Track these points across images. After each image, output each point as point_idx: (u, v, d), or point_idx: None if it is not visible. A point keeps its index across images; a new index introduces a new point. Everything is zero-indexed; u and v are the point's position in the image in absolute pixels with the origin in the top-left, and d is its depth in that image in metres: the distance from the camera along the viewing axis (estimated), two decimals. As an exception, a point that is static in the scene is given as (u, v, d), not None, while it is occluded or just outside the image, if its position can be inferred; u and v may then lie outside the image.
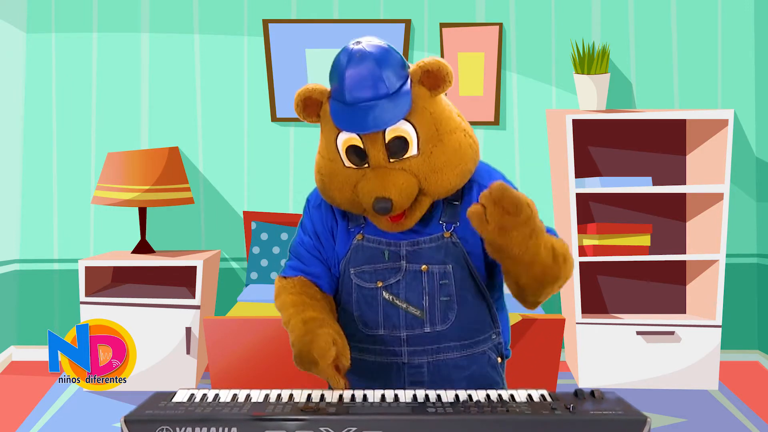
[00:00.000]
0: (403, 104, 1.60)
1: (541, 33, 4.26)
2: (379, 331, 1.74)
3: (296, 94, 1.71)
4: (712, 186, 3.86)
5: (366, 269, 1.74)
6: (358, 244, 1.75)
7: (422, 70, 1.62)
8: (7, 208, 4.28)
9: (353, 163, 1.64)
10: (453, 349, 1.74)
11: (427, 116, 1.63)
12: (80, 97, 4.31)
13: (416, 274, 1.72)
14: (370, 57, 1.59)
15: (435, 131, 1.63)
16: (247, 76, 4.30)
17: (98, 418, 3.39)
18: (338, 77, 1.62)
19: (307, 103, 1.70)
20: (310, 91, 1.70)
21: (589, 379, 3.85)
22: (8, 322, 4.33)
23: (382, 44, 1.64)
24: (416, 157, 1.62)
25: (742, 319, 4.30)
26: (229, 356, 3.32)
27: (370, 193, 1.61)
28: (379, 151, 1.61)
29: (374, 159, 1.62)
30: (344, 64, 1.61)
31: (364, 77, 1.58)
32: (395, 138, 1.61)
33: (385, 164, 1.62)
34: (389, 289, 1.72)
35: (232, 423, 1.39)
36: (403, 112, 1.60)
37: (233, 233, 4.34)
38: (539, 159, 4.28)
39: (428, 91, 1.64)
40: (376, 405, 1.48)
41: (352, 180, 1.65)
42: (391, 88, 1.60)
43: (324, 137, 1.70)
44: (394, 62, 1.62)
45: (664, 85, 4.26)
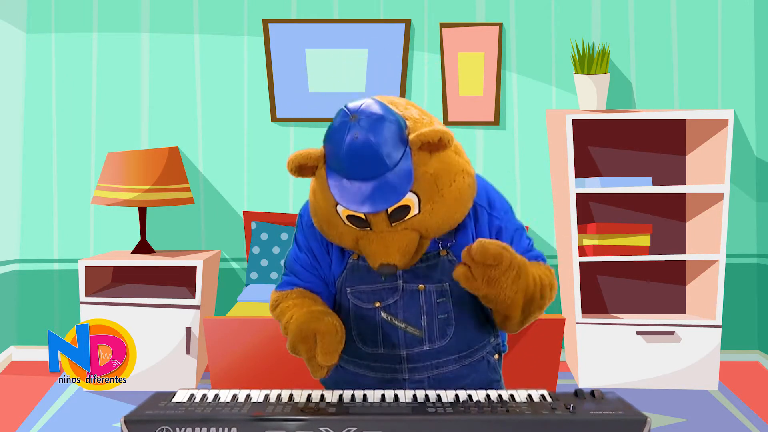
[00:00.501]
0: (406, 180, 1.56)
1: (541, 33, 4.26)
2: (378, 349, 1.74)
3: (289, 159, 1.63)
4: (712, 186, 3.86)
5: (363, 289, 1.75)
6: (354, 264, 1.75)
7: (422, 141, 1.58)
8: (7, 208, 4.28)
9: (354, 225, 1.61)
10: (453, 362, 1.76)
11: (428, 178, 1.59)
12: (80, 97, 4.31)
13: (413, 294, 1.72)
14: (369, 137, 1.54)
15: (435, 188, 1.60)
16: (247, 76, 4.30)
17: (98, 418, 3.39)
18: (335, 151, 1.57)
19: (302, 168, 1.64)
20: (304, 158, 1.62)
21: (589, 379, 3.85)
22: (8, 322, 4.33)
23: (379, 115, 1.57)
24: (417, 215, 1.60)
25: (742, 319, 4.30)
26: (229, 356, 3.32)
27: (374, 257, 1.60)
28: (381, 220, 1.59)
29: (377, 226, 1.59)
30: (341, 141, 1.56)
31: (363, 158, 1.54)
32: (398, 207, 1.58)
33: (387, 229, 1.60)
34: (387, 309, 1.73)
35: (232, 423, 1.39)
36: (406, 188, 1.56)
37: (233, 233, 4.34)
38: (539, 159, 4.28)
39: (428, 153, 1.59)
40: (376, 405, 1.48)
41: (353, 235, 1.63)
42: (392, 164, 1.55)
43: (320, 192, 1.64)
44: (394, 135, 1.56)
45: (664, 85, 4.26)
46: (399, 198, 1.56)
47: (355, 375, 1.76)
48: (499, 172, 4.26)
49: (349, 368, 1.79)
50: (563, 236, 4.02)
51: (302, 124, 4.31)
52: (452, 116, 4.23)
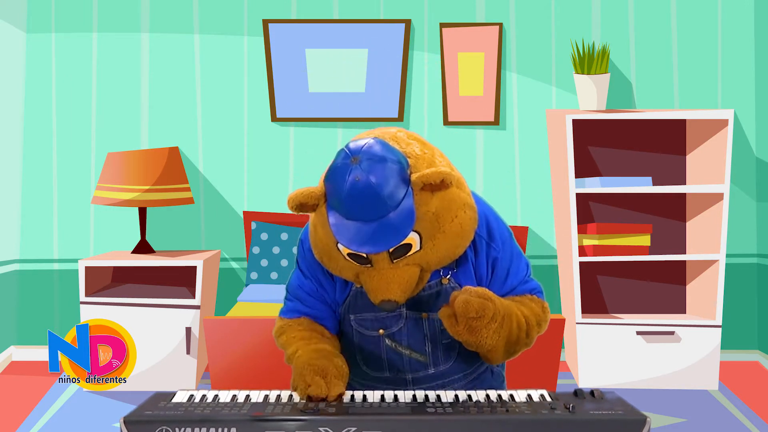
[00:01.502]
0: (408, 220, 1.56)
1: (541, 33, 4.26)
2: (384, 373, 1.76)
3: (290, 197, 1.61)
4: (712, 186, 3.86)
5: (367, 317, 1.75)
6: (357, 291, 1.75)
7: (423, 183, 1.56)
8: (7, 208, 4.28)
9: (355, 262, 1.61)
10: (458, 380, 1.77)
11: (430, 216, 1.59)
12: (80, 97, 4.31)
13: (417, 322, 1.73)
14: (371, 179, 1.53)
15: (437, 226, 1.60)
16: (247, 76, 4.30)
17: (98, 418, 3.39)
18: (335, 193, 1.56)
19: (302, 206, 1.62)
20: (305, 197, 1.60)
21: (589, 379, 3.85)
22: (8, 322, 4.32)
23: (380, 155, 1.56)
24: (419, 252, 1.60)
25: (742, 319, 4.29)
26: (229, 356, 3.32)
27: (375, 293, 1.60)
28: (383, 259, 1.59)
29: (378, 264, 1.59)
30: (342, 184, 1.55)
31: (365, 200, 1.53)
32: (400, 246, 1.58)
33: (388, 266, 1.59)
34: (391, 336, 1.74)
35: (231, 423, 1.39)
36: (408, 228, 1.56)
37: (233, 233, 4.34)
38: (539, 159, 4.28)
39: (430, 193, 1.59)
40: (376, 405, 1.48)
41: (354, 269, 1.63)
42: (393, 205, 1.55)
43: (321, 228, 1.63)
44: (395, 177, 1.55)
45: (664, 85, 4.26)
46: (401, 239, 1.55)
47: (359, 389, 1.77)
48: (499, 172, 4.26)
49: (355, 385, 1.79)
50: (563, 236, 4.02)
51: (302, 124, 4.31)
52: (452, 116, 4.23)
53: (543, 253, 4.29)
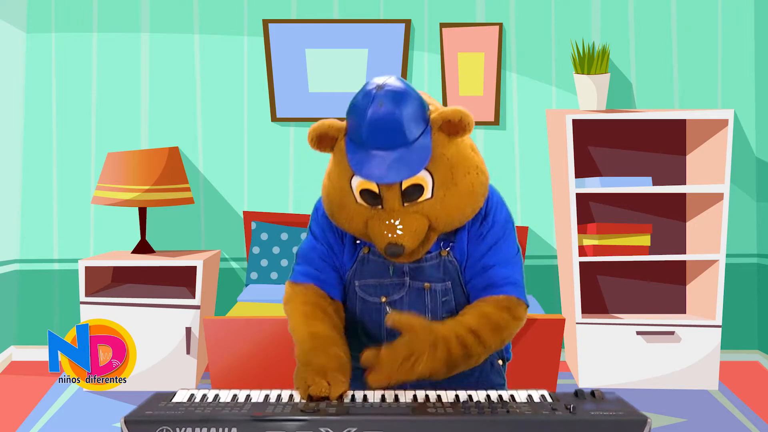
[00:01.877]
0: (423, 156, 1.59)
1: (541, 33, 4.26)
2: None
3: (311, 128, 1.68)
4: (712, 186, 3.86)
5: (371, 283, 1.76)
6: (364, 257, 1.76)
7: (443, 119, 1.61)
8: (7, 208, 4.28)
9: (366, 203, 1.64)
10: None
11: (444, 162, 1.62)
12: (80, 97, 4.31)
13: (419, 292, 1.74)
14: (393, 107, 1.57)
15: (450, 176, 1.62)
16: (247, 76, 4.30)
17: (98, 418, 3.39)
18: (357, 120, 1.60)
19: (322, 138, 1.68)
20: (326, 127, 1.67)
21: (589, 379, 3.85)
22: (8, 322, 4.32)
23: (404, 89, 1.61)
24: (429, 200, 1.62)
25: (742, 319, 4.30)
26: (229, 356, 3.31)
27: (382, 237, 1.61)
28: (394, 197, 1.61)
29: (388, 203, 1.61)
30: (365, 110, 1.59)
31: (386, 127, 1.57)
32: (412, 185, 1.60)
33: (398, 208, 1.61)
34: (393, 304, 1.74)
35: (232, 423, 1.39)
36: (422, 163, 1.59)
37: (233, 233, 4.34)
38: (539, 159, 4.28)
39: (447, 137, 1.62)
40: (376, 405, 1.48)
41: (364, 216, 1.64)
42: (411, 138, 1.58)
43: (335, 169, 1.68)
44: (416, 110, 1.60)
45: (664, 85, 4.26)
46: (415, 171, 1.58)
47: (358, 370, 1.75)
48: (499, 172, 4.26)
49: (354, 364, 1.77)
50: (563, 236, 4.02)
51: (302, 124, 4.31)
52: (452, 116, 4.23)
53: (543, 253, 4.29)
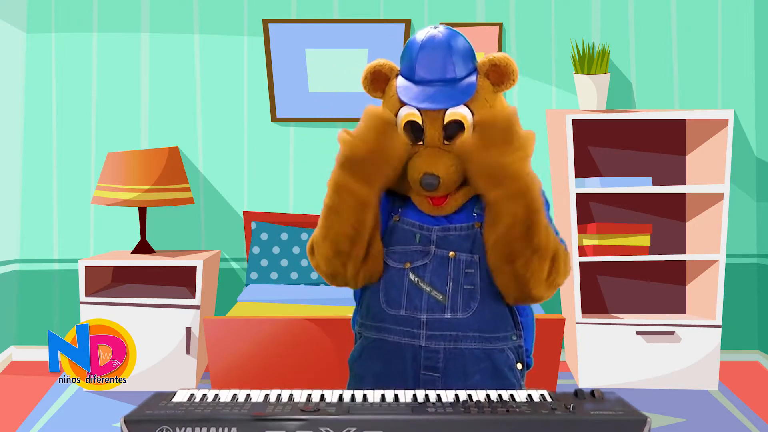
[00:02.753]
0: (467, 90, 1.68)
1: (541, 33, 4.26)
2: (400, 311, 1.73)
3: (366, 67, 1.76)
4: (712, 186, 3.86)
5: (397, 249, 1.76)
6: (394, 225, 1.79)
7: (491, 63, 1.69)
8: (7, 208, 4.28)
9: (409, 140, 1.70)
10: (471, 339, 1.72)
11: (487, 108, 1.69)
12: (80, 97, 4.31)
13: (443, 260, 1.73)
14: (445, 42, 1.67)
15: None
16: (247, 76, 4.30)
17: (98, 418, 3.39)
18: (411, 56, 1.70)
19: (375, 76, 1.76)
20: (381, 65, 1.75)
21: (589, 379, 3.85)
22: (8, 322, 4.33)
23: (458, 33, 1.71)
24: None
25: (742, 319, 4.30)
26: (229, 356, 3.32)
27: (420, 168, 1.67)
28: (436, 131, 1.68)
29: (430, 137, 1.68)
30: (419, 44, 1.69)
31: (436, 60, 1.67)
32: (453, 121, 1.67)
33: (439, 144, 1.68)
34: (416, 271, 1.73)
35: (232, 423, 1.39)
36: (466, 96, 1.67)
37: (233, 233, 4.34)
38: (539, 159, 4.28)
39: (491, 86, 1.71)
40: (376, 405, 1.48)
41: (407, 150, 1.70)
42: (459, 75, 1.68)
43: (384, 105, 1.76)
44: (466, 52, 1.70)
45: (664, 85, 4.26)
46: (458, 102, 1.66)
47: (374, 342, 1.77)
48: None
49: (371, 334, 1.78)
50: (563, 236, 4.01)
51: (302, 124, 4.31)
52: (452, 116, 4.23)
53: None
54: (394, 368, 1.72)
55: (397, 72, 1.75)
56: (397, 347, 1.74)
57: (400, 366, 1.72)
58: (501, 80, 1.70)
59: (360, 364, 1.80)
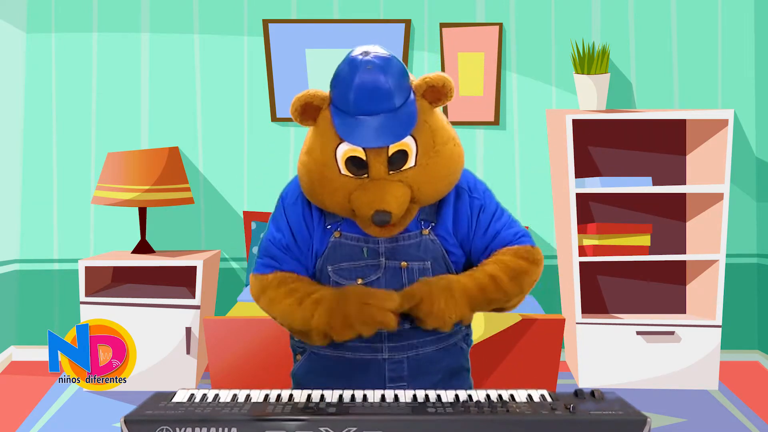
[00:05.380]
0: (410, 120, 1.63)
1: (541, 33, 4.26)
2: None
3: (295, 98, 1.67)
4: (712, 186, 3.86)
5: (345, 266, 1.74)
6: (336, 242, 1.75)
7: (427, 85, 1.65)
8: (7, 208, 4.28)
9: (351, 173, 1.65)
10: (430, 343, 1.77)
11: (427, 129, 1.65)
12: (80, 97, 4.31)
13: (396, 271, 1.73)
14: (379, 71, 1.60)
15: (432, 143, 1.65)
16: (247, 76, 4.30)
17: (98, 418, 3.39)
18: (344, 87, 1.62)
19: (306, 108, 1.68)
20: (310, 97, 1.67)
21: (589, 379, 3.85)
22: (8, 322, 4.33)
23: (388, 55, 1.64)
24: (413, 168, 1.65)
25: (742, 319, 4.30)
26: (229, 356, 3.32)
27: (369, 204, 1.62)
28: (381, 164, 1.63)
29: (375, 171, 1.63)
30: (352, 75, 1.61)
31: (372, 91, 1.59)
32: (398, 151, 1.63)
33: (384, 176, 1.64)
34: (369, 285, 1.73)
35: (232, 423, 1.39)
36: (409, 128, 1.62)
37: (233, 233, 4.34)
38: (539, 159, 4.28)
39: (428, 104, 1.67)
40: (376, 405, 1.48)
41: (348, 188, 1.65)
42: (398, 103, 1.62)
43: (318, 141, 1.68)
44: (400, 76, 1.63)
45: (664, 85, 4.26)
46: (403, 135, 1.61)
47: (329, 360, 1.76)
48: (499, 172, 4.26)
49: (327, 352, 1.77)
50: (563, 236, 4.02)
51: (302, 124, 4.30)
52: (452, 116, 4.23)
53: (543, 253, 4.28)
54: (358, 384, 1.71)
55: (328, 101, 1.67)
56: (360, 363, 1.75)
57: (364, 380, 1.73)
58: (438, 99, 1.67)
59: (312, 381, 1.77)
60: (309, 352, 1.80)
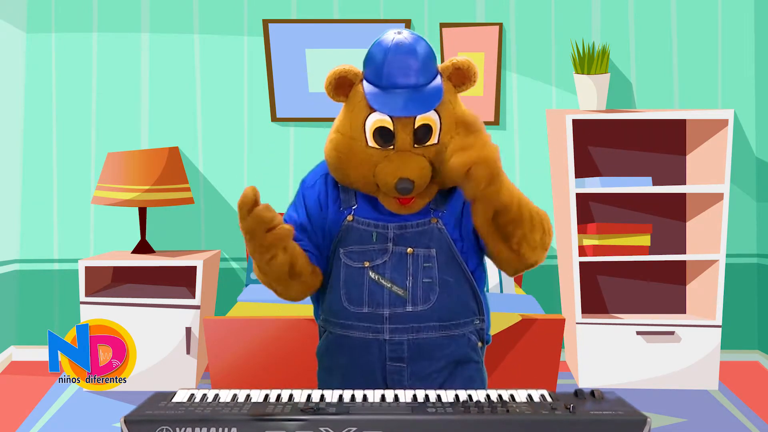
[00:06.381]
0: (437, 95, 1.72)
1: (541, 33, 4.26)
2: (363, 308, 1.80)
3: (330, 73, 1.76)
4: (712, 186, 3.86)
5: (355, 249, 1.82)
6: (349, 225, 1.83)
7: (454, 66, 1.75)
8: (7, 208, 4.28)
9: (378, 144, 1.73)
10: (433, 329, 1.80)
11: (450, 110, 1.74)
12: (80, 97, 4.31)
13: (402, 256, 1.79)
14: (411, 48, 1.70)
15: (453, 124, 1.73)
16: (247, 76, 4.30)
17: (98, 418, 3.39)
18: (377, 62, 1.72)
19: (340, 82, 1.77)
20: (345, 71, 1.77)
21: (589, 379, 3.85)
22: (8, 322, 4.33)
23: (421, 37, 1.75)
24: (435, 146, 1.73)
25: (742, 319, 4.30)
26: (229, 356, 3.32)
27: (393, 173, 1.70)
28: (407, 135, 1.71)
29: (401, 142, 1.72)
30: (386, 50, 1.71)
31: (405, 65, 1.70)
32: (423, 125, 1.72)
33: (409, 148, 1.72)
34: (375, 269, 1.80)
35: (232, 423, 1.39)
36: (436, 101, 1.71)
37: (233, 233, 4.34)
38: (539, 159, 4.28)
39: (453, 87, 1.76)
40: (376, 405, 1.48)
41: (374, 160, 1.73)
42: (426, 80, 1.71)
43: (348, 116, 1.77)
44: (430, 56, 1.73)
45: (664, 85, 4.26)
46: (430, 107, 1.70)
47: (340, 338, 1.84)
48: (499, 172, 4.26)
49: (336, 331, 1.85)
50: (563, 236, 4.02)
51: (302, 124, 4.31)
52: (452, 116, 4.23)
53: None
54: (362, 361, 1.81)
55: (361, 77, 1.77)
56: (363, 342, 1.82)
57: (367, 359, 1.81)
58: (462, 82, 1.77)
59: (328, 357, 1.88)
60: (327, 331, 1.89)
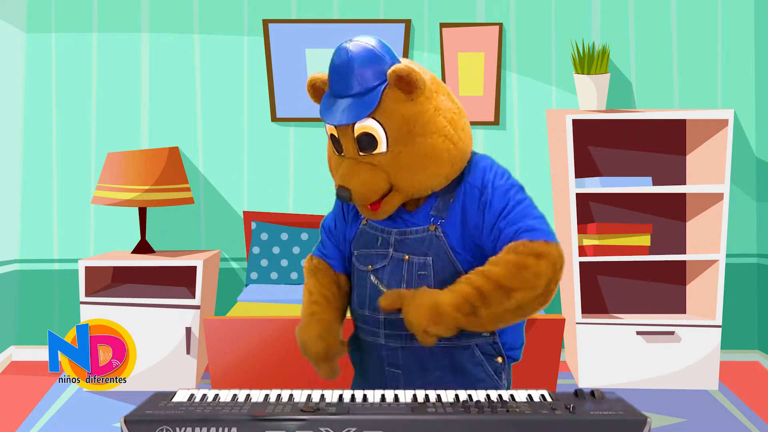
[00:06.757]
0: (369, 103, 1.68)
1: (541, 33, 4.26)
2: (364, 311, 1.83)
3: (307, 79, 1.81)
4: (712, 186, 3.86)
5: (363, 253, 1.85)
6: (362, 229, 1.86)
7: (394, 74, 1.67)
8: (7, 208, 4.28)
9: (335, 151, 1.77)
10: None
11: (398, 117, 1.68)
12: (80, 97, 4.31)
13: (399, 263, 1.79)
14: (350, 56, 1.68)
15: (406, 132, 1.68)
16: (247, 76, 4.30)
17: (98, 418, 3.39)
18: (329, 71, 1.73)
19: (311, 89, 1.81)
20: (314, 79, 1.80)
21: (589, 379, 3.85)
22: (8, 322, 4.33)
23: (369, 44, 1.69)
24: (384, 154, 1.70)
25: (742, 319, 4.30)
26: (229, 356, 3.32)
27: (337, 181, 1.73)
28: (349, 144, 1.71)
29: (346, 150, 1.72)
30: (331, 59, 1.72)
31: (340, 74, 1.69)
32: (363, 133, 1.69)
33: (355, 156, 1.71)
34: (376, 273, 1.81)
35: (232, 423, 1.39)
36: (367, 110, 1.67)
37: (233, 233, 4.34)
38: (539, 159, 4.28)
39: (404, 95, 1.69)
40: (376, 405, 1.48)
41: (338, 163, 1.77)
42: (363, 87, 1.68)
43: None
44: (373, 63, 1.68)
45: (664, 85, 4.26)
46: (357, 117, 1.67)
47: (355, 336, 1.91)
48: (499, 172, 4.26)
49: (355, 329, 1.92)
50: (563, 236, 4.02)
51: (302, 124, 4.31)
52: (452, 116, 4.23)
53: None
54: (370, 361, 1.85)
55: None
56: (367, 343, 1.85)
57: (372, 360, 1.84)
58: (409, 89, 1.68)
59: (351, 353, 1.93)
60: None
